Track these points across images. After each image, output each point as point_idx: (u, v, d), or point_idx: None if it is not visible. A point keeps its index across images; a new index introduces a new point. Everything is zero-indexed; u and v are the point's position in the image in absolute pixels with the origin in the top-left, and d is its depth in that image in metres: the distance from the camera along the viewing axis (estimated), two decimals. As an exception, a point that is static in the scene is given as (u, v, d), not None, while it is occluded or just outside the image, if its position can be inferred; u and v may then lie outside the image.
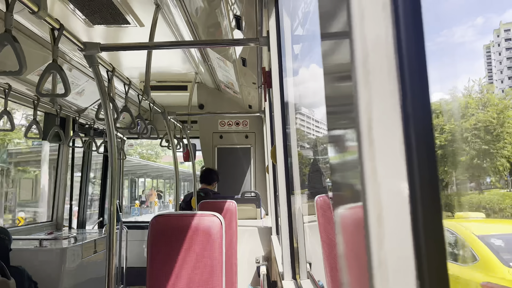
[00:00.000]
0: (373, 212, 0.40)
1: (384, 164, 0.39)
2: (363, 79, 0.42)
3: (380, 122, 0.40)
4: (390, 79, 0.39)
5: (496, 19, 11.22)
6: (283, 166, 2.02)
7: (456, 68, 3.87)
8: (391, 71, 0.39)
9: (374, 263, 0.40)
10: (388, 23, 0.39)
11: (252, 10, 2.46)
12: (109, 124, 1.89)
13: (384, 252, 0.39)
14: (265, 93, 3.04)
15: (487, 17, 21.97)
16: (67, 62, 3.25)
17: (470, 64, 9.07)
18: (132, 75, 4.11)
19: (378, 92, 0.40)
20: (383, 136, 0.39)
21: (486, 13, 13.80)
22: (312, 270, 1.94)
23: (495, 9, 27.50)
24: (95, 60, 1.91)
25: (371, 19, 0.41)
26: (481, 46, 5.46)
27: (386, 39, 0.39)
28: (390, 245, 0.39)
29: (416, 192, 0.38)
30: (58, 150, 4.43)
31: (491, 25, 8.37)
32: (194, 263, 2.22)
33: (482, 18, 15.65)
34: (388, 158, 0.39)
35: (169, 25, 2.78)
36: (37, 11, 1.46)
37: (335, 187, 0.54)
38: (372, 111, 0.41)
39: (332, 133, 0.55)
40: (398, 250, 0.38)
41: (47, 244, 3.47)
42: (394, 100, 0.39)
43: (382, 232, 0.40)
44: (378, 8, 0.40)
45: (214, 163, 5.20)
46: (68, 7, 2.43)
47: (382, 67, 0.40)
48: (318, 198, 1.61)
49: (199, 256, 2.23)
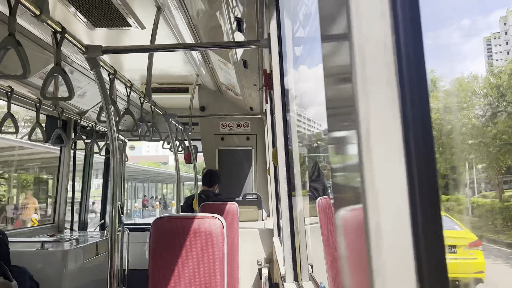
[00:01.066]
0: (373, 214, 0.41)
1: (384, 166, 0.40)
2: (363, 81, 0.42)
3: (380, 124, 0.40)
4: (390, 81, 0.39)
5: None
6: (285, 168, 2.02)
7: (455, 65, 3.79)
8: (390, 73, 0.39)
9: (375, 265, 0.40)
10: (387, 26, 0.39)
11: (253, 12, 2.47)
12: (111, 126, 1.90)
13: (385, 254, 0.39)
14: (266, 95, 3.05)
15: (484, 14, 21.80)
16: (69, 65, 3.26)
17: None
18: (133, 77, 4.12)
19: (378, 94, 0.40)
20: (383, 138, 0.40)
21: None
22: (314, 272, 1.93)
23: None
24: (97, 62, 1.92)
25: (371, 21, 0.41)
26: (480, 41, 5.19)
27: (386, 41, 0.40)
28: (391, 247, 0.39)
29: (416, 194, 0.38)
30: (60, 152, 4.43)
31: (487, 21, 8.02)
32: (195, 265, 2.22)
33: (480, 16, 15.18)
34: (388, 160, 0.39)
35: (171, 28, 2.79)
36: (39, 15, 1.46)
37: (336, 189, 0.55)
38: (372, 113, 0.41)
39: (332, 134, 0.55)
40: (399, 252, 0.38)
41: (49, 246, 3.48)
42: (394, 102, 0.39)
43: (383, 234, 0.40)
44: (378, 11, 0.40)
45: (216, 165, 5.20)
46: (69, 10, 2.44)
47: (382, 69, 0.40)
48: (320, 199, 1.61)
49: (200, 258, 2.23)
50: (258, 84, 3.83)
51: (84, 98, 3.88)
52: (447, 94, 2.49)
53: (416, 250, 0.37)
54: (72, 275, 3.44)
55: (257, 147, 5.25)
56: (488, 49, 4.82)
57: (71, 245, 3.56)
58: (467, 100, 2.52)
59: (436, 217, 0.38)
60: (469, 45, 5.84)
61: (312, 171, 2.62)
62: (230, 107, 5.18)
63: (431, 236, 0.38)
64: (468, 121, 2.78)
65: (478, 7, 10.19)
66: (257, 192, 4.95)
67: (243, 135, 5.28)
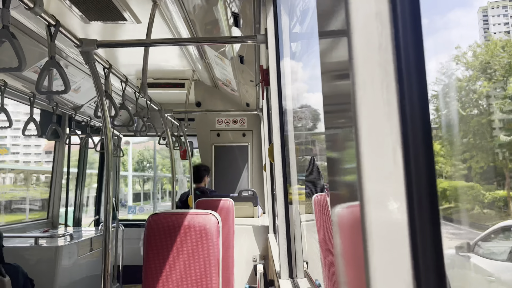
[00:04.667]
0: (370, 211, 0.40)
1: (381, 162, 0.39)
2: (360, 77, 0.41)
3: (377, 120, 0.39)
4: (388, 77, 0.39)
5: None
6: (281, 164, 2.01)
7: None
8: (389, 69, 0.39)
9: (371, 262, 0.39)
10: (385, 20, 0.39)
11: (250, 7, 2.45)
12: (106, 121, 1.88)
13: (381, 251, 0.39)
14: (263, 91, 3.04)
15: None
16: (64, 59, 3.23)
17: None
18: (129, 72, 4.10)
19: (375, 91, 0.40)
20: (380, 134, 0.39)
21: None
22: (309, 269, 1.94)
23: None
24: (91, 57, 1.90)
25: (369, 16, 0.40)
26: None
27: (384, 36, 0.39)
28: (387, 244, 0.38)
29: (413, 189, 0.37)
30: (54, 147, 4.40)
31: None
32: (190, 262, 2.22)
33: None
34: (386, 156, 0.39)
35: (166, 22, 2.77)
36: (33, 7, 1.44)
37: (332, 185, 0.54)
38: (370, 109, 0.40)
39: (329, 131, 0.54)
40: (395, 248, 0.38)
41: (42, 242, 3.46)
42: (391, 98, 0.38)
43: (379, 231, 0.39)
44: (376, 6, 0.40)
45: (211, 161, 5.19)
46: (64, 3, 2.41)
47: (380, 65, 0.39)
48: (316, 196, 1.61)
49: (195, 254, 2.23)
50: (254, 80, 3.82)
51: (79, 92, 3.85)
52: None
53: (413, 246, 0.37)
54: (66, 271, 3.43)
55: (253, 144, 5.25)
56: (484, 20, 4.34)
57: (65, 241, 3.54)
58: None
59: (434, 212, 0.37)
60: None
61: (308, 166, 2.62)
62: (226, 103, 5.17)
63: (428, 232, 0.37)
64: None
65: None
66: (252, 189, 4.95)
67: (239, 131, 5.28)
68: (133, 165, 21.44)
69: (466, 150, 2.08)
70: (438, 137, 1.82)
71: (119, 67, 3.94)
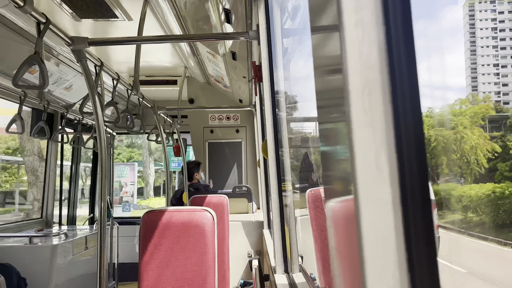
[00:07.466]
0: (364, 205, 0.41)
1: (374, 156, 0.40)
2: (353, 72, 0.42)
3: (370, 115, 0.40)
4: (381, 72, 0.39)
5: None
6: (274, 160, 2.02)
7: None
8: (382, 65, 0.39)
9: (365, 255, 0.40)
10: (378, 15, 0.39)
11: (241, 3, 2.44)
12: (98, 119, 1.87)
13: (375, 244, 0.39)
14: (256, 87, 3.03)
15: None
16: (55, 57, 3.20)
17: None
18: (121, 69, 4.07)
19: (368, 86, 0.40)
20: (373, 129, 0.40)
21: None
22: (304, 263, 1.95)
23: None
24: (83, 54, 1.88)
25: (361, 11, 0.41)
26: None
27: (377, 31, 0.39)
28: (381, 237, 0.39)
29: (406, 184, 0.38)
30: (47, 145, 4.37)
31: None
32: (186, 258, 2.22)
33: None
34: (379, 151, 0.39)
35: (158, 19, 2.75)
36: (23, 6, 1.43)
37: (326, 180, 0.55)
38: (363, 104, 0.41)
39: (323, 126, 0.55)
40: (389, 242, 0.38)
41: (37, 241, 3.44)
42: (384, 93, 0.39)
43: (373, 225, 0.40)
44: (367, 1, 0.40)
45: (205, 158, 5.19)
46: (54, 1, 2.39)
47: (373, 60, 0.40)
48: (310, 191, 1.62)
49: (191, 251, 2.23)
50: (247, 76, 3.81)
51: (71, 91, 3.82)
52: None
53: (407, 240, 0.37)
54: (61, 270, 3.41)
55: (246, 140, 5.25)
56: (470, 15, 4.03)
57: (60, 240, 3.52)
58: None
59: (426, 207, 0.38)
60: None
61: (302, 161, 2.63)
62: (219, 100, 5.16)
63: (422, 226, 0.38)
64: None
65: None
66: (247, 185, 4.96)
67: (233, 128, 5.28)
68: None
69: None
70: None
71: (111, 64, 3.91)
